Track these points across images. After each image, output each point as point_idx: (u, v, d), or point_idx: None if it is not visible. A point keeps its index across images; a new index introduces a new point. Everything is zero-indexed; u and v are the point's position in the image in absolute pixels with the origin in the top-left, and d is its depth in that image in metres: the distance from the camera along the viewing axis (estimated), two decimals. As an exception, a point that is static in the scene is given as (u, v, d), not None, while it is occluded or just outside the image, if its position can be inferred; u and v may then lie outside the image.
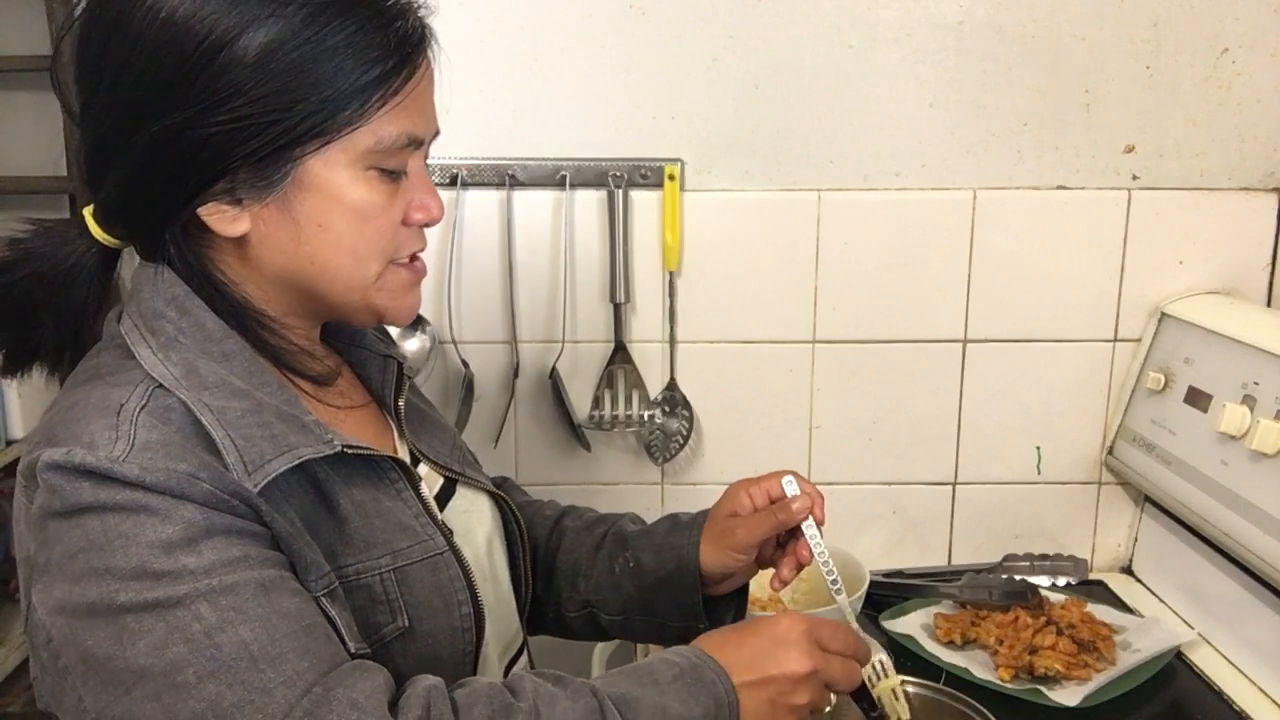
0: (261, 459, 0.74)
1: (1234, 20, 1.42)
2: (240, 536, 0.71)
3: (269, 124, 0.73)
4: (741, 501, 1.01)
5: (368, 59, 0.75)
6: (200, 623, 0.67)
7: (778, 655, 0.79)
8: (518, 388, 1.50)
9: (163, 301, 0.78)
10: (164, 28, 0.72)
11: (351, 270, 0.80)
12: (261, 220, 0.77)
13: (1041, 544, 1.56)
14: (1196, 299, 1.46)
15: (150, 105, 0.73)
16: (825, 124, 1.45)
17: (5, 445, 1.88)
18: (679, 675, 0.76)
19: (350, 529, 0.80)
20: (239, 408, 0.75)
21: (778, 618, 0.82)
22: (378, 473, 0.84)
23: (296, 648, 0.68)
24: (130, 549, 0.68)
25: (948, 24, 1.42)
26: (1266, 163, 1.46)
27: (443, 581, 0.84)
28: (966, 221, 1.47)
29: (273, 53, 0.72)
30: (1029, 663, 1.24)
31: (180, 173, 0.74)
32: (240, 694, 0.66)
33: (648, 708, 0.73)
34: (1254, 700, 1.24)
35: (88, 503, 0.69)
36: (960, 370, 1.52)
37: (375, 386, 0.95)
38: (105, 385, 0.75)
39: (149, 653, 0.66)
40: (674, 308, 1.48)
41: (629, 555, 1.04)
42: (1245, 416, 1.24)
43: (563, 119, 1.44)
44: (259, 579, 0.70)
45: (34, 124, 1.94)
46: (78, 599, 0.68)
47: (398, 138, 0.78)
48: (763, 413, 1.52)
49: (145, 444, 0.70)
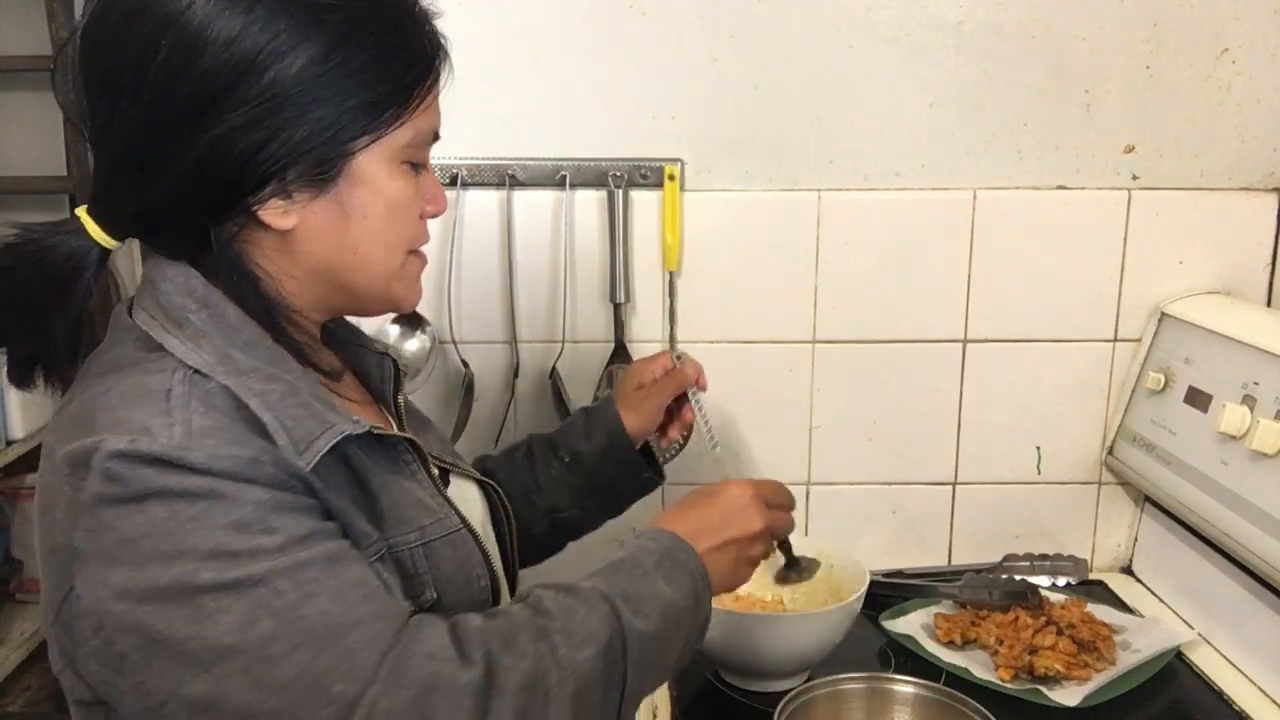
0: (309, 437, 0.77)
1: (1234, 20, 1.42)
2: (304, 513, 0.75)
3: (328, 123, 0.77)
4: (644, 374, 1.21)
5: (411, 59, 0.81)
6: (282, 598, 0.70)
7: (735, 519, 0.93)
8: (518, 388, 1.50)
9: (181, 295, 0.80)
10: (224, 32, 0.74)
11: (384, 259, 0.85)
12: (311, 214, 0.80)
13: (1041, 544, 1.56)
14: (1196, 299, 1.46)
15: (215, 106, 0.75)
16: (825, 124, 1.45)
17: (5, 445, 1.88)
18: (659, 561, 0.86)
19: (381, 506, 0.83)
20: (277, 390, 0.78)
21: (726, 484, 0.97)
22: (393, 455, 0.87)
23: (370, 611, 0.73)
24: (205, 531, 0.70)
25: (948, 24, 1.42)
26: (1266, 163, 1.46)
27: (462, 557, 0.88)
28: (966, 221, 1.47)
29: (331, 54, 0.76)
30: (1029, 663, 1.24)
31: (241, 172, 0.76)
32: (329, 659, 0.70)
33: (648, 599, 0.83)
34: (1254, 700, 1.24)
35: (156, 489, 0.70)
36: (960, 370, 1.52)
37: (374, 383, 0.98)
38: (138, 372, 0.76)
39: (234, 630, 0.69)
40: (674, 308, 1.48)
41: (562, 453, 1.18)
42: (1245, 416, 1.24)
43: (563, 119, 1.44)
44: (326, 552, 0.74)
45: (34, 124, 1.94)
46: (144, 582, 0.70)
47: (428, 132, 0.84)
48: (763, 413, 1.52)
49: (203, 430, 0.72)
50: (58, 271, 0.79)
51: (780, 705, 1.08)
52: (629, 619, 0.80)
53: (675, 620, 0.84)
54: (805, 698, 1.10)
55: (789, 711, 1.08)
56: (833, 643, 1.22)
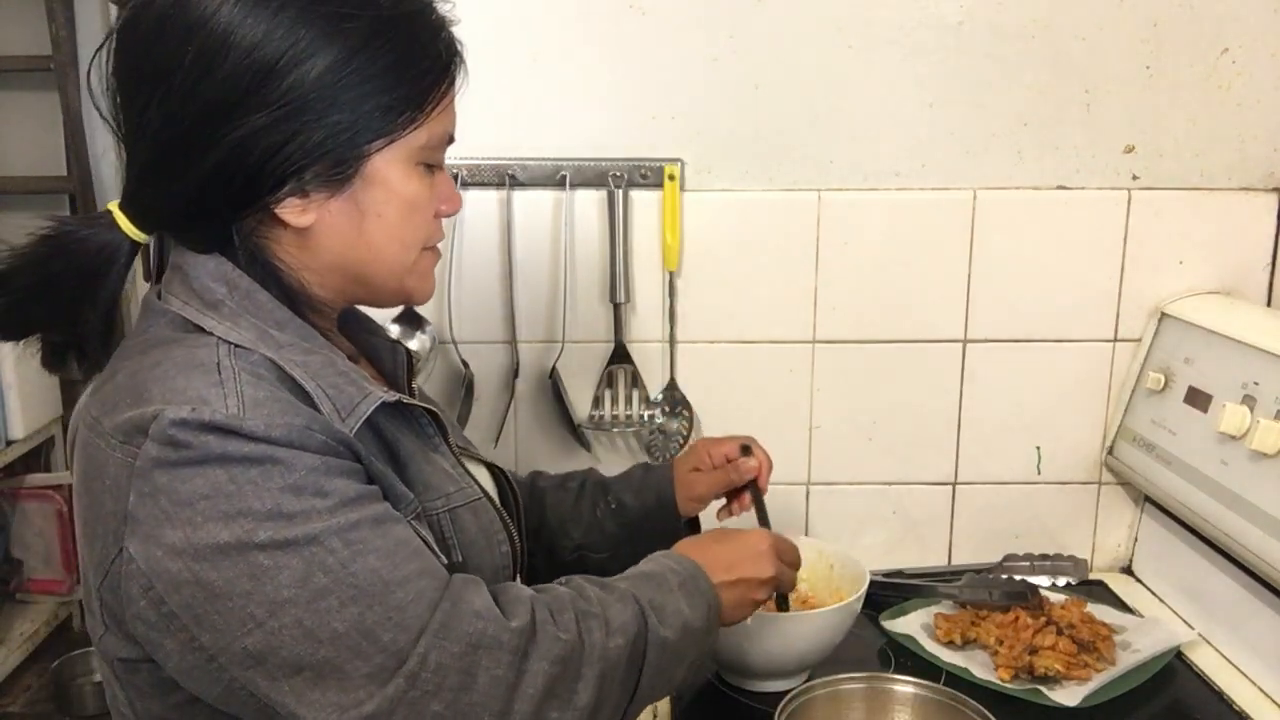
0: (351, 404, 0.82)
1: (1234, 20, 1.42)
2: (352, 477, 0.79)
3: (345, 126, 0.80)
4: (703, 459, 1.20)
5: (426, 65, 0.84)
6: (334, 556, 0.75)
7: (751, 563, 0.99)
8: (518, 388, 1.50)
9: (213, 280, 0.84)
10: (248, 38, 0.77)
11: (399, 255, 0.88)
12: (328, 211, 0.83)
13: (1041, 544, 1.56)
14: (1196, 299, 1.47)
15: (236, 107, 0.78)
16: (825, 124, 1.45)
17: (5, 445, 1.88)
18: (683, 583, 0.92)
19: (410, 472, 0.88)
20: (317, 361, 0.83)
21: (747, 531, 1.03)
22: (416, 427, 0.92)
23: (416, 568, 0.78)
24: (263, 494, 0.74)
25: (948, 24, 1.42)
26: (1266, 163, 1.46)
27: (484, 523, 0.93)
28: (966, 221, 1.47)
29: (350, 60, 0.80)
30: (1029, 663, 1.24)
31: (261, 172, 0.80)
32: (380, 612, 0.75)
33: (672, 612, 0.88)
34: (1254, 700, 1.24)
35: (216, 454, 0.74)
36: (960, 370, 1.52)
37: (387, 370, 1.02)
38: (183, 347, 0.80)
39: (292, 584, 0.74)
40: (674, 308, 1.49)
41: (610, 499, 1.20)
42: (1245, 416, 1.24)
43: (563, 119, 1.44)
44: (373, 514, 0.78)
45: (34, 124, 1.95)
46: (203, 540, 0.74)
47: (443, 135, 0.88)
48: (763, 413, 1.52)
49: (255, 400, 0.77)
50: (90, 263, 0.83)
51: (780, 705, 1.08)
52: (654, 624, 0.86)
53: (691, 638, 0.89)
54: (805, 698, 1.10)
55: (789, 711, 1.08)
56: (833, 643, 1.22)
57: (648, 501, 1.19)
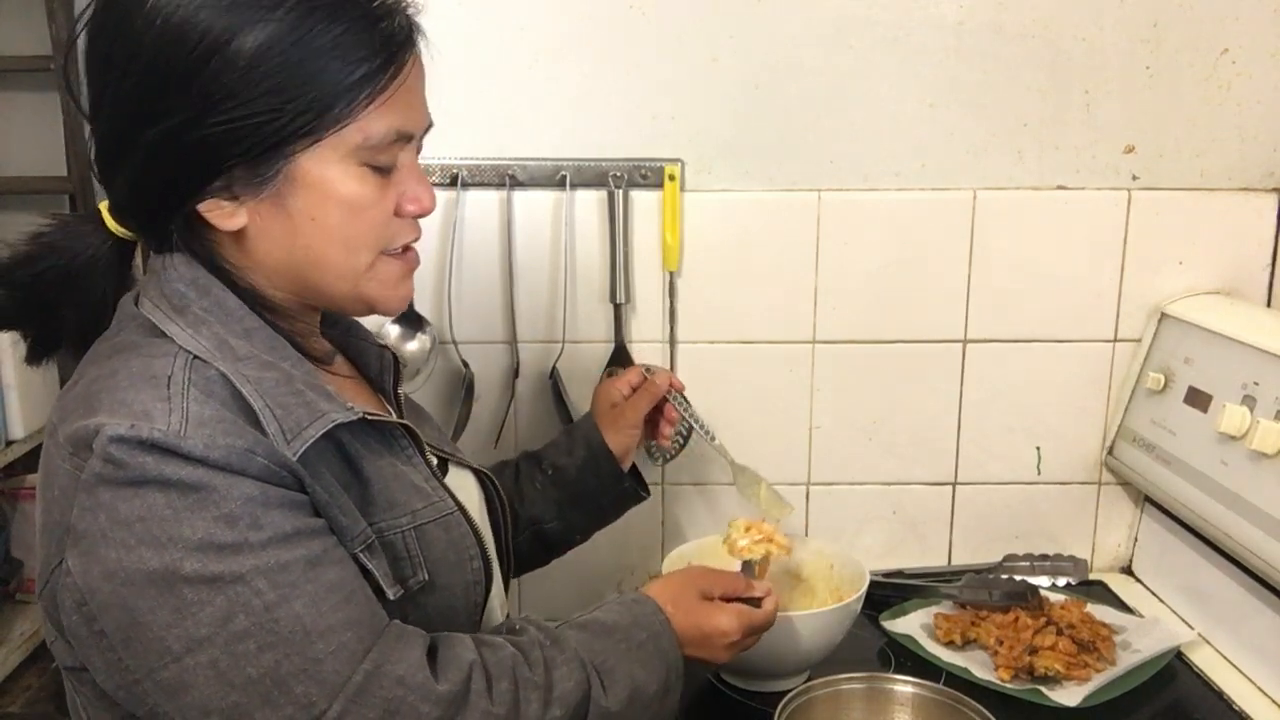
0: (299, 426, 0.79)
1: (1234, 20, 1.42)
2: (291, 509, 0.77)
3: (261, 124, 0.77)
4: (614, 393, 1.27)
5: (354, 59, 0.78)
6: (260, 598, 0.73)
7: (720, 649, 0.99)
8: (518, 388, 1.50)
9: (183, 284, 0.82)
10: (161, 32, 0.75)
11: (343, 260, 0.84)
12: (258, 214, 0.81)
13: (1041, 544, 1.56)
14: (1196, 299, 1.46)
15: (150, 107, 0.77)
16: (825, 124, 1.45)
17: (5, 445, 1.88)
18: (643, 643, 0.91)
19: (373, 490, 0.86)
20: (271, 378, 0.80)
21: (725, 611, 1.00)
22: (388, 440, 0.90)
23: (343, 618, 0.75)
24: (196, 522, 0.72)
25: (948, 24, 1.42)
26: (1266, 163, 1.46)
27: (455, 539, 0.91)
28: (966, 222, 1.47)
29: (264, 55, 0.76)
30: (1029, 663, 1.24)
31: (179, 172, 0.78)
32: (297, 662, 0.73)
33: (620, 678, 0.87)
34: (1254, 700, 1.24)
35: (152, 476, 0.72)
36: (960, 370, 1.52)
37: (373, 374, 1.00)
38: (142, 357, 0.78)
39: (212, 623, 0.72)
40: (674, 308, 1.48)
41: (546, 466, 1.24)
42: (1245, 417, 1.24)
43: (563, 119, 1.44)
44: (307, 554, 0.76)
45: (34, 124, 1.95)
46: (133, 566, 0.72)
47: (386, 134, 0.81)
48: (763, 413, 1.52)
49: (200, 419, 0.74)
50: (74, 261, 0.83)
51: (780, 705, 1.08)
52: (598, 693, 0.84)
53: (641, 706, 0.88)
54: (805, 698, 1.10)
55: (789, 711, 1.08)
56: (833, 643, 1.22)
57: (580, 456, 1.23)
